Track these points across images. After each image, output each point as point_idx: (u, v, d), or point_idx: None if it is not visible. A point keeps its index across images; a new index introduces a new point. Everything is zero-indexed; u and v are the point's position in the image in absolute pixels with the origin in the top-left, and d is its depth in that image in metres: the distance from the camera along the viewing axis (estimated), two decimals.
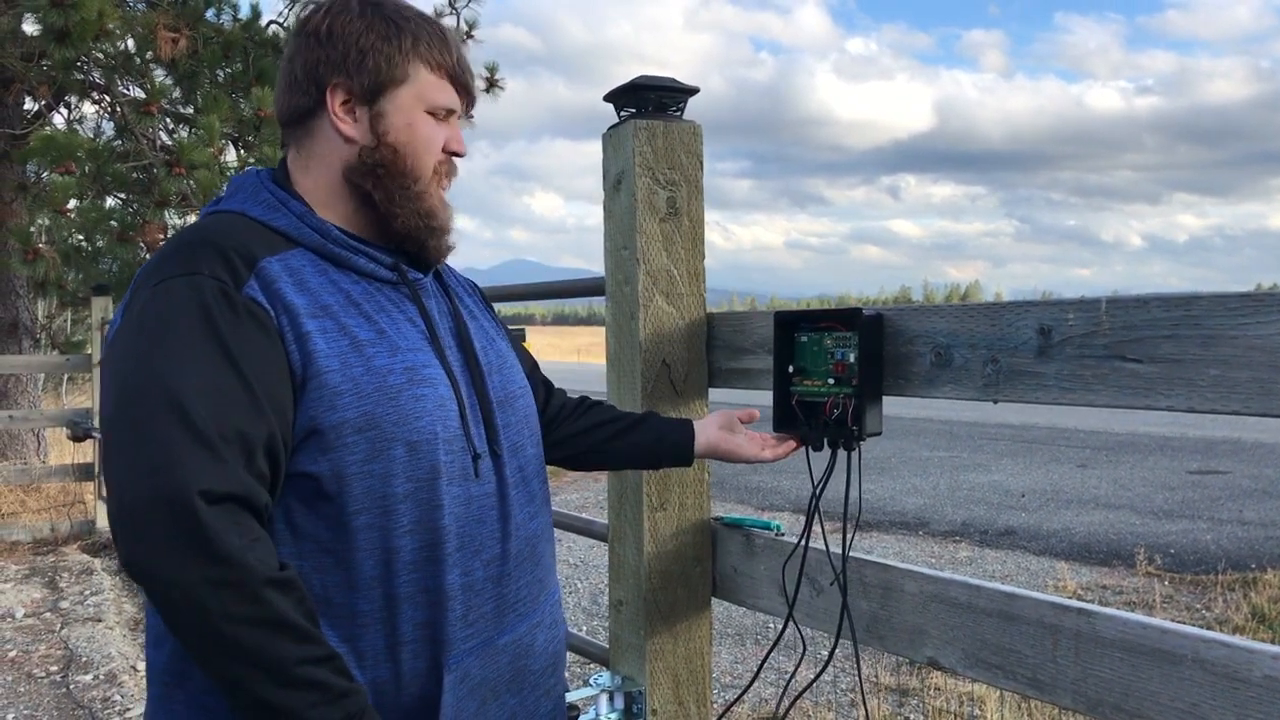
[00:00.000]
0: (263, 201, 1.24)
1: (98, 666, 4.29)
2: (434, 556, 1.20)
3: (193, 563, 1.00)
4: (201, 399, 1.06)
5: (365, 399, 1.16)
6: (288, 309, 1.15)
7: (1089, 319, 1.33)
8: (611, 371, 1.95)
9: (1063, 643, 1.35)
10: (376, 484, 1.16)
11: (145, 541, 1.01)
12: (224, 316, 1.10)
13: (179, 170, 6.80)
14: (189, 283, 1.12)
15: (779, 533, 1.83)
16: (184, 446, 1.03)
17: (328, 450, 1.15)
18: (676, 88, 1.89)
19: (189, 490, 1.01)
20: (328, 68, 1.24)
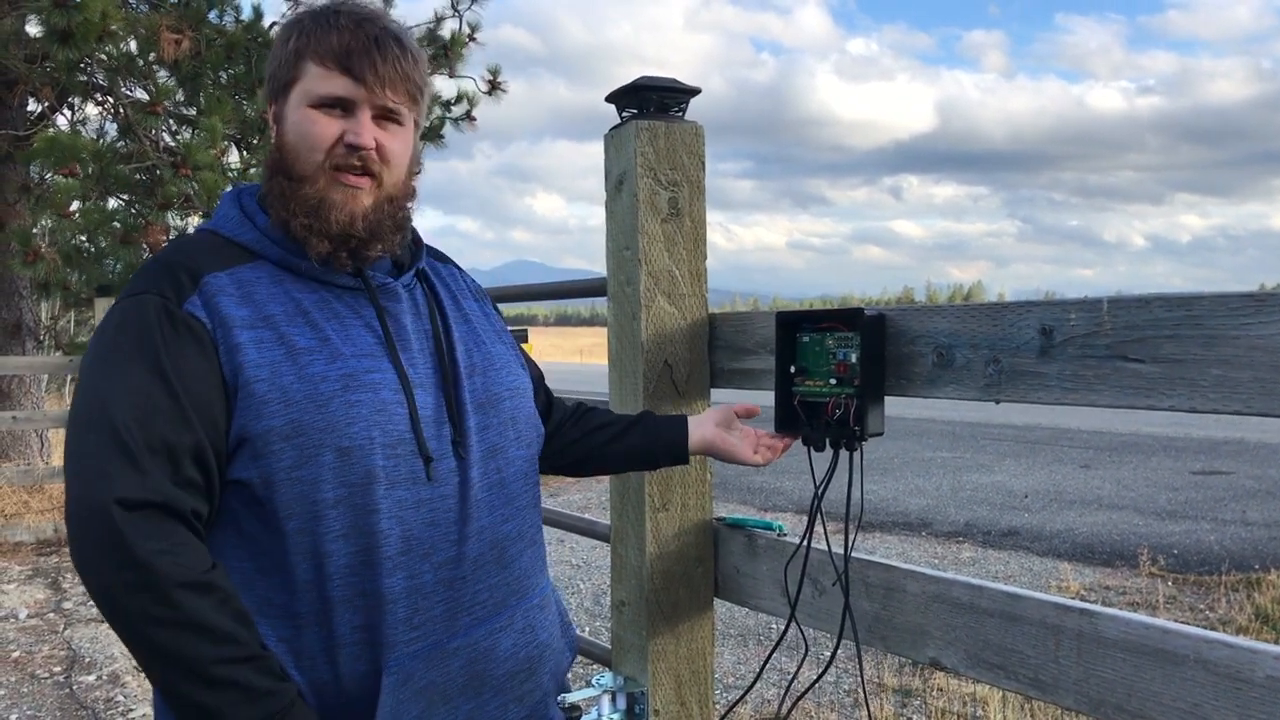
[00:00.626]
0: (231, 218, 1.29)
1: (101, 667, 4.29)
2: (370, 561, 1.21)
3: (111, 567, 1.07)
4: (127, 411, 1.12)
5: (293, 407, 1.18)
6: (223, 321, 1.19)
7: (1091, 319, 1.32)
8: (614, 372, 1.95)
9: (1065, 643, 1.34)
10: (306, 489, 1.18)
11: (77, 547, 1.09)
12: (162, 332, 1.16)
13: (185, 171, 6.81)
14: (136, 302, 1.18)
15: (781, 533, 1.83)
16: (107, 457, 1.10)
17: (257, 458, 1.18)
18: (678, 88, 1.89)
19: (107, 498, 1.08)
20: (277, 68, 1.30)
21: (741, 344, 1.85)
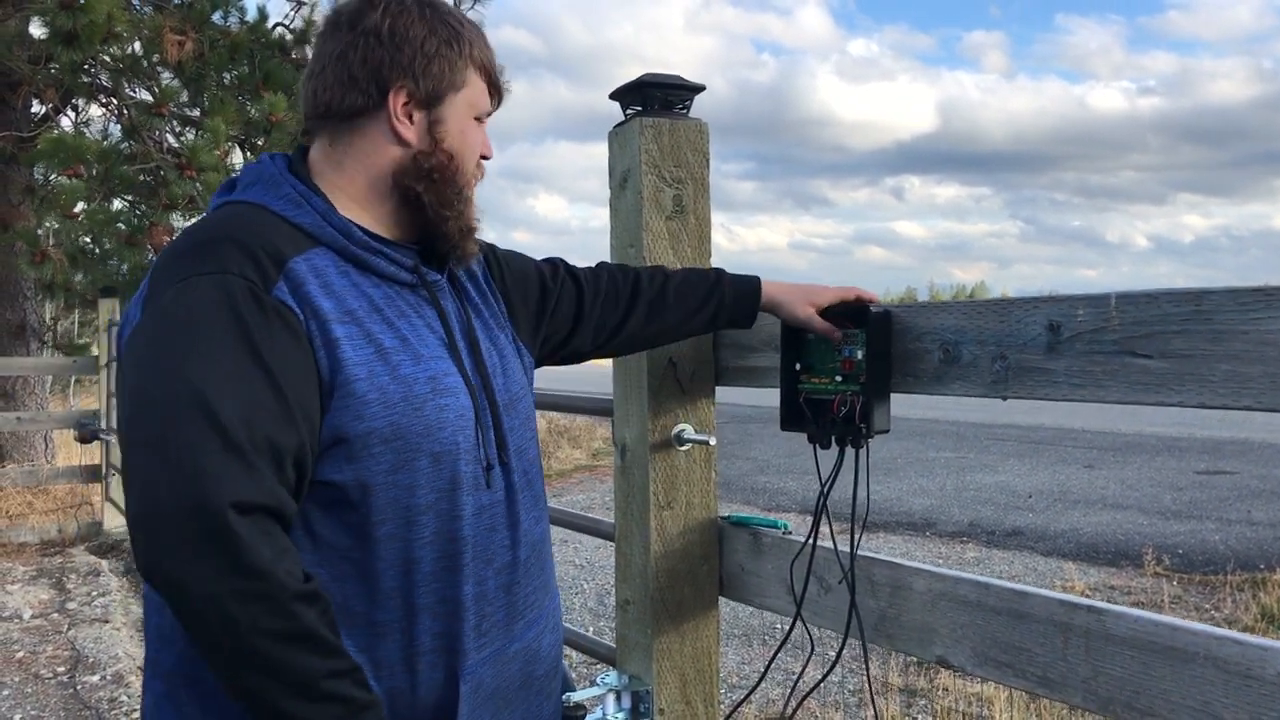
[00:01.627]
0: (284, 195, 1.19)
1: (105, 667, 4.29)
2: (452, 566, 1.20)
3: (223, 575, 0.98)
4: (233, 406, 1.03)
5: (392, 409, 1.14)
6: (316, 314, 1.12)
7: (1099, 315, 1.32)
8: (618, 370, 1.95)
9: (1073, 641, 1.34)
10: (401, 495, 1.15)
11: (172, 551, 0.98)
12: (254, 319, 1.07)
13: (190, 173, 6.81)
14: (217, 282, 1.08)
15: (786, 531, 1.82)
16: (216, 455, 1.00)
17: (353, 460, 1.13)
18: (682, 85, 1.89)
19: (221, 501, 0.99)
20: (392, 69, 1.21)
21: (746, 341, 1.84)
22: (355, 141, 1.23)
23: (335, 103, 1.22)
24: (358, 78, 1.21)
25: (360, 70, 1.20)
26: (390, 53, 1.20)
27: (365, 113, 1.22)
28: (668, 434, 1.88)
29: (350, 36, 1.22)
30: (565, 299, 1.55)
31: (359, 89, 1.21)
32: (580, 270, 1.61)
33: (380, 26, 1.20)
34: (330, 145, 1.25)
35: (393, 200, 1.25)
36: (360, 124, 1.23)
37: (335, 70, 1.22)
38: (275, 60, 8.36)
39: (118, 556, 6.49)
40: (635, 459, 1.91)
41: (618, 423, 1.97)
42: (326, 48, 1.23)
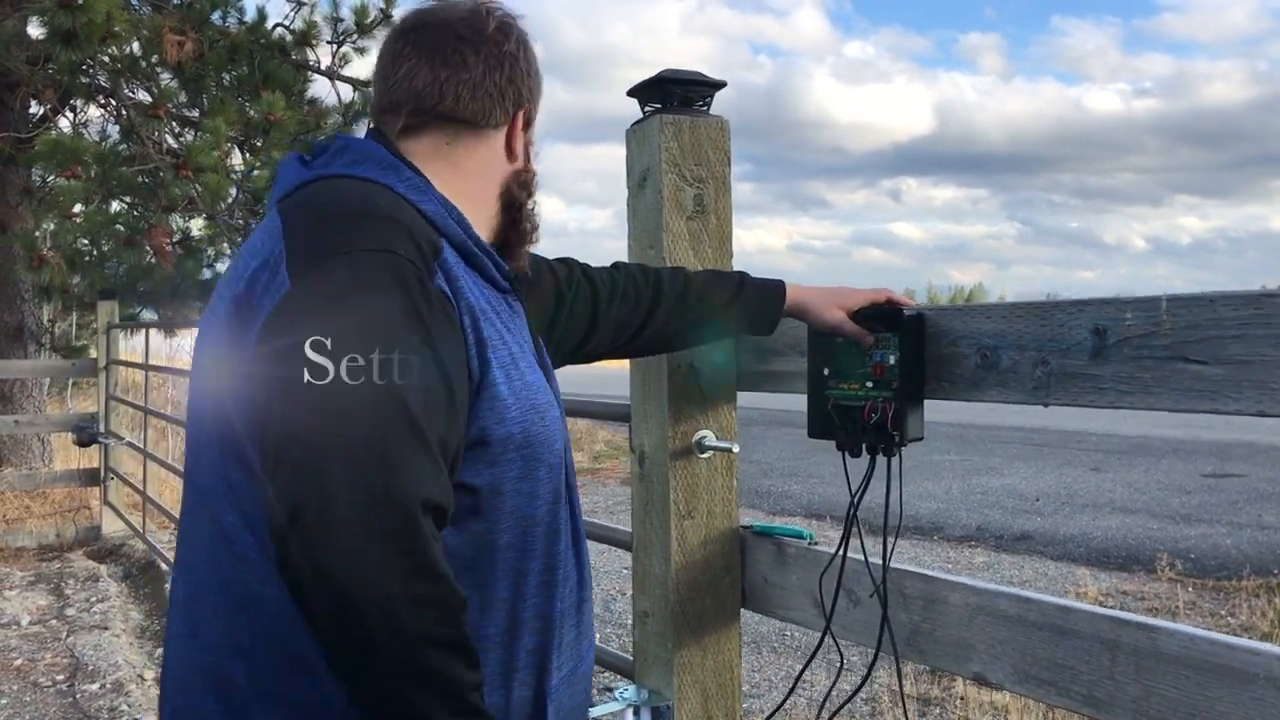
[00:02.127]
0: (407, 179, 1.16)
1: (104, 675, 4.23)
2: (550, 581, 1.18)
3: (404, 577, 0.91)
4: (416, 395, 0.97)
5: (526, 414, 1.13)
6: (470, 309, 1.10)
7: (1148, 318, 1.26)
8: (636, 374, 1.89)
9: (1121, 659, 1.28)
10: (523, 504, 1.13)
11: (350, 547, 0.90)
12: (424, 306, 1.02)
13: (187, 173, 6.75)
14: (387, 261, 1.02)
15: (812, 542, 1.77)
16: (407, 446, 0.95)
17: (492, 464, 1.10)
18: (703, 81, 1.84)
19: (414, 496, 0.93)
20: (526, 90, 1.28)
21: (770, 345, 1.79)
22: (479, 148, 1.26)
23: (482, 113, 1.25)
24: (504, 95, 1.26)
25: (507, 88, 1.26)
26: (524, 78, 1.28)
27: (497, 125, 1.27)
28: (688, 441, 1.83)
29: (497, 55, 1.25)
30: (580, 301, 1.51)
31: (502, 105, 1.26)
32: (596, 271, 1.57)
33: (518, 53, 1.27)
34: (449, 145, 1.25)
35: (495, 207, 1.27)
36: (487, 134, 1.26)
37: (485, 84, 1.25)
38: (275, 61, 8.30)
39: (116, 561, 6.43)
40: (654, 467, 1.86)
41: (636, 429, 1.91)
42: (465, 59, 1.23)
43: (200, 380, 1.13)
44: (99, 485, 7.16)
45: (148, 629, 5.02)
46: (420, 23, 1.25)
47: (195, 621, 1.10)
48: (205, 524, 1.09)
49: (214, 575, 1.08)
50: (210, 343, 1.11)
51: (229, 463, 1.05)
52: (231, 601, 1.06)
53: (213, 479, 1.08)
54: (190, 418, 1.15)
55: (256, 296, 1.04)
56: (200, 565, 1.10)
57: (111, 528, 6.94)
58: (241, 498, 1.05)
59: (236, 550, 1.05)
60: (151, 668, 4.38)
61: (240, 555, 1.05)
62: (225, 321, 1.08)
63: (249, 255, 1.10)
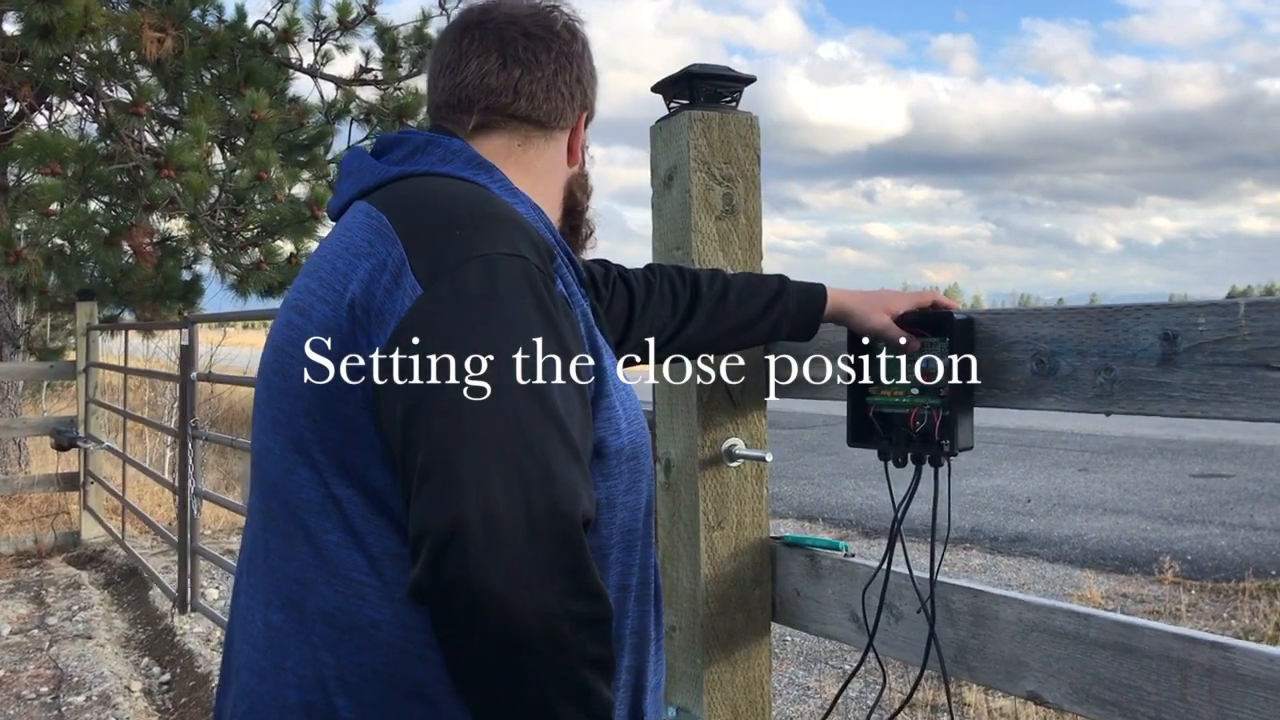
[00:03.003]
0: (499, 181, 1.13)
1: (90, 687, 4.11)
2: (644, 596, 1.13)
3: (566, 595, 0.86)
4: (565, 405, 0.93)
5: (633, 424, 1.09)
6: (584, 315, 1.06)
7: (1224, 323, 1.21)
8: (661, 379, 1.83)
9: (1194, 680, 1.23)
10: (629, 517, 1.08)
11: (511, 562, 0.84)
12: (555, 313, 0.98)
13: (167, 173, 6.62)
14: (520, 266, 0.97)
15: (848, 554, 1.70)
16: (565, 458, 0.89)
17: (607, 476, 1.05)
18: (732, 76, 1.77)
19: (576, 510, 0.88)
20: (592, 91, 1.27)
21: (803, 349, 1.72)
22: (547, 150, 1.23)
23: (555, 114, 1.22)
24: (574, 96, 1.24)
25: (576, 89, 1.24)
26: (589, 81, 1.26)
27: (559, 124, 1.24)
28: (717, 449, 1.76)
29: (567, 55, 1.23)
30: (617, 303, 1.44)
31: (570, 107, 1.24)
32: (631, 272, 1.50)
33: (584, 55, 1.26)
34: (520, 145, 1.21)
35: (559, 210, 1.25)
36: (556, 135, 1.24)
37: (557, 84, 1.22)
38: (256, 59, 8.18)
39: (97, 568, 6.29)
40: (682, 476, 1.79)
41: (661, 437, 1.84)
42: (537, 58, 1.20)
43: (283, 386, 1.03)
44: (78, 490, 7.01)
45: (132, 638, 4.90)
46: (486, 18, 1.20)
47: (283, 652, 1.00)
48: (299, 543, 1.00)
49: (313, 601, 0.98)
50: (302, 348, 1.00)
51: (331, 477, 0.98)
52: (336, 631, 0.97)
53: (308, 493, 0.99)
54: (263, 428, 1.06)
55: (378, 301, 0.96)
56: (292, 589, 1.00)
57: (91, 533, 6.80)
58: (350, 514, 0.97)
59: (342, 572, 0.97)
60: (139, 678, 4.27)
61: (347, 578, 0.97)
62: (330, 326, 0.99)
63: (351, 255, 1.01)
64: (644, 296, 1.46)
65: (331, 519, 0.98)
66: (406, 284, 0.95)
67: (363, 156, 1.14)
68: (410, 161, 1.11)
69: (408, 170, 1.10)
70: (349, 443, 0.97)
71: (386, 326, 0.95)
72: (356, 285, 0.98)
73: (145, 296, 8.38)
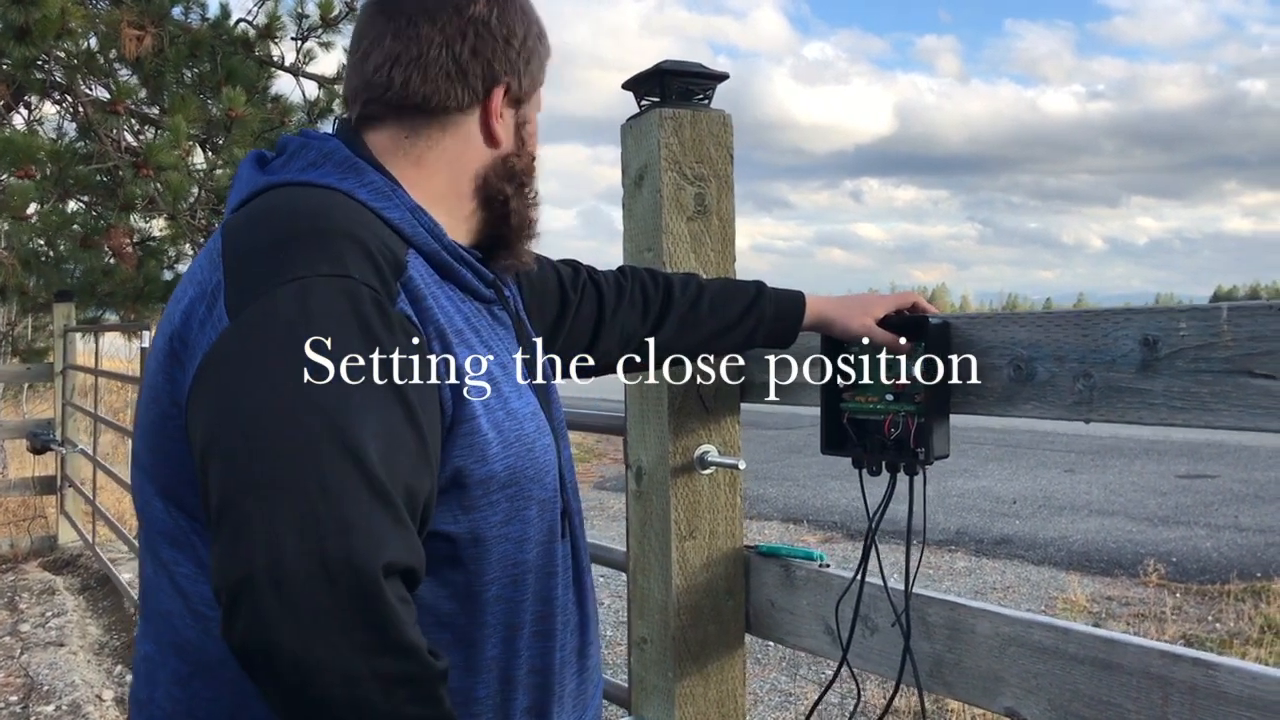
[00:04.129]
0: (370, 184, 1.02)
1: (60, 696, 4.04)
2: (545, 631, 1.05)
3: (368, 652, 0.79)
4: (376, 442, 0.84)
5: (509, 449, 0.99)
6: (440, 332, 0.96)
7: (1206, 329, 1.17)
8: (632, 385, 1.78)
9: (1175, 697, 1.18)
10: (511, 549, 1.00)
11: (304, 621, 0.78)
12: (385, 338, 0.89)
13: (147, 172, 6.53)
14: (342, 288, 0.89)
15: (823, 564, 1.66)
16: (364, 504, 0.81)
17: (470, 509, 0.97)
18: (704, 73, 1.72)
19: (374, 562, 0.79)
20: (502, 64, 1.09)
21: (778, 352, 1.68)
22: (443, 138, 1.09)
23: (436, 96, 1.07)
24: (466, 71, 1.08)
25: (471, 63, 1.08)
26: (500, 46, 1.09)
27: (463, 108, 1.09)
28: (689, 456, 1.72)
29: (458, 23, 1.07)
30: (586, 306, 1.39)
31: (465, 84, 1.08)
32: (602, 274, 1.44)
33: (489, 16, 1.08)
34: (408, 137, 1.08)
35: (474, 202, 1.11)
36: (454, 119, 1.09)
37: (440, 60, 1.07)
38: (238, 57, 8.09)
39: (73, 573, 6.21)
40: (653, 484, 1.74)
41: (633, 444, 1.79)
42: (418, 31, 1.06)
43: (139, 417, 1.00)
44: (55, 494, 6.92)
45: (106, 645, 4.83)
46: None
47: (154, 683, 0.99)
48: (161, 574, 0.97)
49: (170, 634, 0.96)
50: (149, 383, 0.97)
51: (176, 510, 0.94)
52: (187, 665, 0.95)
53: (163, 524, 0.96)
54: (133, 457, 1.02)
55: (193, 334, 0.91)
56: (158, 620, 0.98)
57: (68, 538, 6.72)
58: (198, 546, 0.93)
59: (193, 606, 0.94)
60: (110, 687, 4.20)
61: (198, 612, 0.93)
62: (162, 361, 0.95)
63: (188, 281, 0.97)
64: (614, 300, 1.41)
65: (184, 551, 0.94)
66: (216, 315, 0.90)
67: (248, 164, 1.07)
68: (283, 169, 1.03)
69: (272, 180, 1.02)
70: (182, 479, 0.93)
71: (195, 360, 0.89)
72: (179, 316, 0.94)
73: (126, 297, 8.28)
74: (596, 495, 8.75)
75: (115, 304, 8.51)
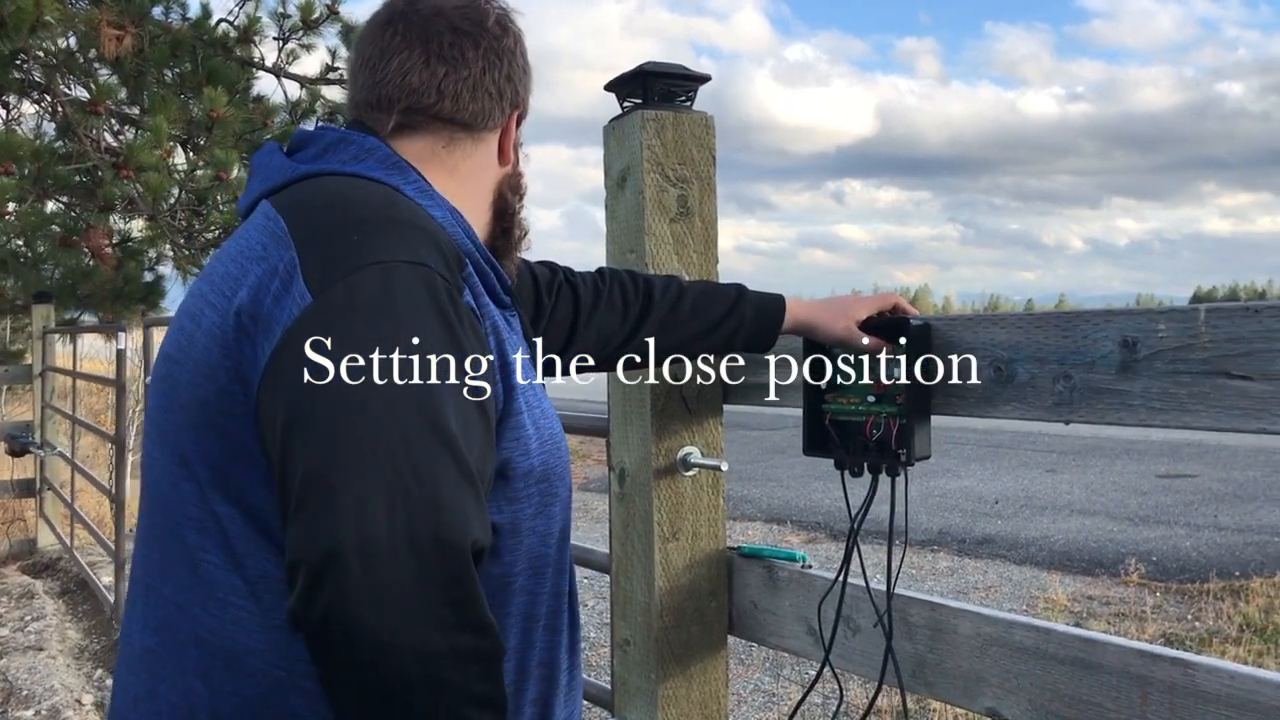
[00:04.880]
0: (414, 182, 1.06)
1: (39, 700, 4.01)
2: (554, 626, 1.08)
3: (449, 629, 0.80)
4: (459, 426, 0.86)
5: (544, 445, 1.03)
6: (495, 328, 1.01)
7: (1184, 330, 1.17)
8: (615, 387, 1.78)
9: (1154, 696, 1.19)
10: (538, 543, 1.04)
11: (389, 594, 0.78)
12: (458, 326, 0.92)
13: (127, 173, 6.49)
14: (421, 275, 0.91)
15: (806, 565, 1.66)
16: (454, 484, 0.83)
17: (513, 500, 1.00)
18: (686, 75, 1.73)
19: (464, 540, 0.82)
20: (524, 88, 1.19)
21: (760, 356, 1.68)
22: (475, 152, 1.16)
23: (481, 114, 1.15)
24: (502, 95, 1.17)
25: (504, 88, 1.17)
26: (520, 70, 1.19)
27: (487, 125, 1.17)
28: (672, 458, 1.72)
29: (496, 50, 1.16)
30: (561, 308, 1.40)
31: (499, 106, 1.17)
32: (580, 277, 1.45)
33: (515, 50, 1.19)
34: (445, 147, 1.13)
35: (490, 213, 1.18)
36: (484, 136, 1.17)
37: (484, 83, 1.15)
38: (219, 58, 8.05)
39: (53, 577, 6.16)
40: (636, 486, 1.74)
41: (615, 446, 1.79)
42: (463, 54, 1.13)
43: (171, 396, 0.97)
44: (34, 497, 6.87)
45: (86, 649, 4.79)
46: (411, 9, 1.13)
47: (156, 678, 0.95)
48: (177, 562, 0.94)
49: (187, 625, 0.93)
50: (197, 358, 0.95)
51: (212, 493, 0.92)
52: (209, 657, 0.92)
53: (190, 510, 0.94)
54: (152, 439, 1.00)
55: (265, 309, 0.91)
56: (168, 611, 0.95)
57: (47, 541, 6.67)
58: (230, 534, 0.92)
59: (219, 595, 0.92)
60: (90, 691, 4.17)
61: (223, 601, 0.92)
62: (217, 334, 0.93)
63: (244, 259, 0.96)
64: (591, 302, 1.42)
65: (212, 538, 0.92)
66: (296, 291, 0.90)
67: (273, 153, 1.08)
68: (320, 160, 1.05)
69: (315, 169, 1.04)
70: (232, 459, 0.92)
71: (273, 336, 0.89)
72: (245, 292, 0.93)
73: (106, 298, 8.23)
74: (580, 497, 8.74)
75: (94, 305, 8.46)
